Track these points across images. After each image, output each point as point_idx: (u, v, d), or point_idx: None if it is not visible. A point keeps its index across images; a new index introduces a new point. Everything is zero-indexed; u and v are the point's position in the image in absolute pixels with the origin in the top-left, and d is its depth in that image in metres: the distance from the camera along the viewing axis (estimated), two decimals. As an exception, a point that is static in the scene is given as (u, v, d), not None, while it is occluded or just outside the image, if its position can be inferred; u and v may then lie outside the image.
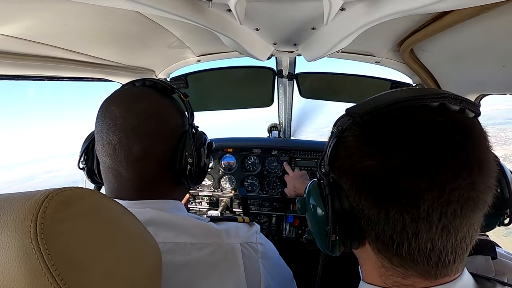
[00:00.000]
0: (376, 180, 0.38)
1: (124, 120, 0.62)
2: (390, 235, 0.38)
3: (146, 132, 0.63)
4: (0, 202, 0.33)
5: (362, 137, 0.41)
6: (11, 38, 0.71)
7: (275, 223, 1.87)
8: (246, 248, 0.67)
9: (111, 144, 0.62)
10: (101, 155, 0.65)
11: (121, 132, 0.61)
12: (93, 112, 0.69)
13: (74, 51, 0.91)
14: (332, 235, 0.43)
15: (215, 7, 0.78)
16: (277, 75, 1.67)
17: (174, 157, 0.66)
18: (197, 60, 1.45)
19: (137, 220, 0.45)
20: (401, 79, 1.45)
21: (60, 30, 0.77)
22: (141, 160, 0.63)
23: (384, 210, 0.37)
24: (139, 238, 0.44)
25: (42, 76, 0.95)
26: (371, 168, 0.38)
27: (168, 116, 0.68)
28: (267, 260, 0.71)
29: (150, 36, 1.04)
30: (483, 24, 0.74)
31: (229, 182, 1.98)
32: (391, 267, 0.41)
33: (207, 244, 0.62)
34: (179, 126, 0.70)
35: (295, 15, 0.89)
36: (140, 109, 0.63)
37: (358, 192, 0.40)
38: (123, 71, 1.24)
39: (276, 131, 2.16)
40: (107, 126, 0.62)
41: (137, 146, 0.62)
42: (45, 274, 0.29)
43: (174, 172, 0.67)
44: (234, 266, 0.63)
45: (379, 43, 1.16)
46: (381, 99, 0.41)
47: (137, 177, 0.63)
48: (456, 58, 0.97)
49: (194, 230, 0.63)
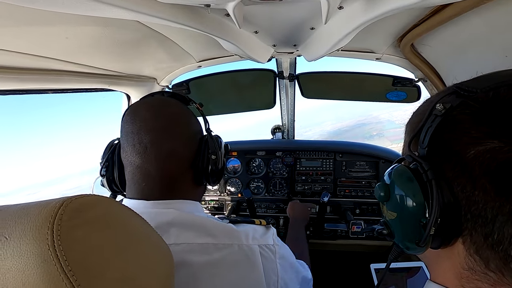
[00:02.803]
0: (501, 167, 0.31)
1: (155, 121, 0.68)
2: (510, 234, 0.31)
3: (173, 133, 0.69)
4: (17, 211, 0.33)
5: (483, 115, 0.34)
6: (14, 53, 0.72)
7: (283, 224, 1.87)
8: (264, 249, 0.69)
9: (143, 143, 0.66)
10: (129, 157, 0.68)
11: (152, 132, 0.67)
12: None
13: (76, 63, 0.92)
14: (432, 228, 0.36)
15: (213, 13, 0.79)
16: (278, 76, 1.67)
17: (197, 156, 0.73)
18: (198, 66, 1.46)
19: (149, 225, 0.46)
20: (403, 75, 1.45)
21: (62, 43, 0.78)
22: (169, 158, 0.68)
23: (509, 204, 0.31)
24: (151, 243, 0.44)
25: (46, 89, 0.97)
26: (494, 152, 0.31)
27: (190, 121, 0.75)
28: (284, 261, 0.73)
29: (150, 44, 1.05)
30: (484, 15, 0.73)
31: (235, 186, 1.98)
32: (484, 271, 0.35)
33: (228, 244, 0.65)
34: (199, 130, 0.78)
35: (293, 16, 0.89)
36: (168, 113, 0.71)
37: (472, 180, 0.33)
38: (125, 80, 1.25)
39: (280, 133, 2.15)
40: (138, 127, 0.67)
41: (166, 145, 0.67)
42: (62, 280, 0.30)
43: (196, 171, 0.73)
44: (253, 267, 0.65)
45: (379, 39, 1.16)
46: (506, 74, 0.35)
47: (163, 175, 0.68)
48: (458, 51, 0.96)
49: (215, 231, 0.66)
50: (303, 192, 1.90)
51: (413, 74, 1.36)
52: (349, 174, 1.87)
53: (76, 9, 0.51)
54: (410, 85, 1.46)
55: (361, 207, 1.82)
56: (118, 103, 1.55)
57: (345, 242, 1.83)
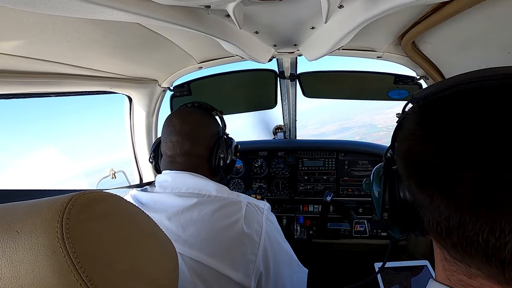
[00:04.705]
0: (420, 164, 0.37)
1: (181, 127, 0.91)
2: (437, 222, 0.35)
3: (194, 136, 0.91)
4: (28, 207, 0.35)
5: (416, 121, 0.40)
6: (17, 57, 0.73)
7: (286, 224, 1.87)
8: (252, 205, 0.83)
9: (172, 142, 0.91)
10: (164, 150, 0.94)
11: (178, 135, 0.90)
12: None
13: (78, 66, 0.93)
14: (384, 213, 0.45)
15: (214, 14, 0.79)
16: (279, 76, 1.67)
17: (211, 153, 0.94)
18: (199, 67, 1.46)
19: (153, 221, 0.47)
20: (405, 73, 1.44)
21: (64, 47, 0.79)
22: (189, 153, 0.91)
23: (429, 196, 0.36)
24: (155, 238, 0.46)
25: (49, 92, 0.97)
26: (420, 153, 0.37)
27: (208, 126, 0.97)
28: (270, 223, 0.84)
29: (151, 46, 1.05)
30: (485, 12, 0.72)
31: (237, 186, 1.98)
32: (453, 260, 0.38)
33: (221, 197, 0.82)
34: (215, 133, 0.98)
35: (293, 15, 0.89)
36: (191, 120, 0.93)
37: (408, 176, 0.39)
38: (127, 83, 1.25)
39: (281, 133, 2.15)
40: (169, 130, 0.92)
41: (188, 144, 0.90)
42: (71, 271, 0.32)
43: (210, 165, 0.94)
44: (236, 212, 0.78)
45: (380, 37, 1.15)
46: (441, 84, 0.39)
47: (186, 164, 0.90)
48: (460, 48, 0.96)
49: (214, 189, 0.84)
50: (305, 191, 1.89)
51: (415, 72, 1.35)
52: (351, 173, 1.86)
53: (77, 13, 0.51)
54: (411, 83, 1.45)
55: (364, 206, 1.81)
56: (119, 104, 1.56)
57: (349, 241, 1.83)
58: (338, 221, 1.81)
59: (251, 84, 1.79)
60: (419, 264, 1.11)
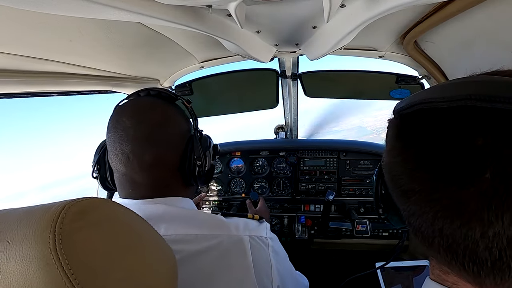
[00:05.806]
0: (391, 171, 0.41)
1: (136, 130, 0.65)
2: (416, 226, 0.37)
3: (157, 140, 0.66)
4: (20, 215, 0.33)
5: (390, 134, 0.43)
6: (18, 56, 0.73)
7: (287, 224, 1.87)
8: (255, 240, 0.67)
9: (125, 153, 0.65)
10: (115, 164, 0.67)
11: (134, 142, 0.64)
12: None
13: (79, 65, 0.93)
14: (379, 209, 0.50)
15: (215, 13, 0.79)
16: (281, 76, 1.67)
17: (183, 160, 0.70)
18: (200, 66, 1.46)
19: (152, 228, 0.46)
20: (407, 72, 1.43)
21: (66, 46, 0.79)
22: (153, 166, 0.66)
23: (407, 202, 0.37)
24: (153, 245, 0.44)
25: (51, 92, 0.97)
26: (390, 163, 0.41)
27: (175, 123, 0.71)
28: (277, 255, 0.72)
29: (153, 45, 1.05)
30: (488, 11, 0.72)
31: (239, 186, 1.98)
32: (431, 257, 0.40)
33: (217, 235, 0.64)
34: (186, 131, 0.73)
35: (295, 14, 0.89)
36: (150, 119, 0.67)
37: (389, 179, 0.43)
38: (128, 82, 1.26)
39: (283, 132, 2.15)
40: (119, 136, 0.65)
41: (149, 153, 0.65)
42: (65, 284, 0.30)
43: (184, 174, 0.71)
44: (243, 255, 0.64)
45: (382, 37, 1.15)
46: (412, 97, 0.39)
47: (150, 181, 0.67)
48: (462, 47, 0.95)
49: (205, 223, 0.65)
50: (307, 191, 1.89)
51: (417, 71, 1.34)
52: (353, 173, 1.86)
53: (79, 12, 0.52)
54: (413, 82, 1.44)
55: (365, 206, 1.81)
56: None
57: (350, 241, 1.83)
58: (339, 220, 1.81)
59: (253, 84, 1.79)
60: (420, 264, 1.11)
